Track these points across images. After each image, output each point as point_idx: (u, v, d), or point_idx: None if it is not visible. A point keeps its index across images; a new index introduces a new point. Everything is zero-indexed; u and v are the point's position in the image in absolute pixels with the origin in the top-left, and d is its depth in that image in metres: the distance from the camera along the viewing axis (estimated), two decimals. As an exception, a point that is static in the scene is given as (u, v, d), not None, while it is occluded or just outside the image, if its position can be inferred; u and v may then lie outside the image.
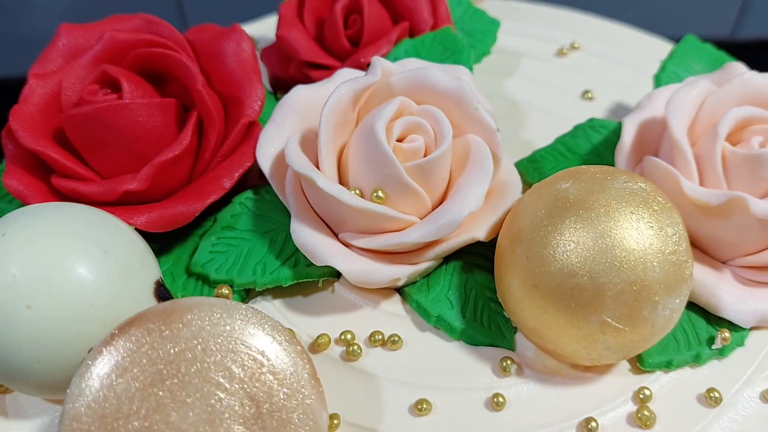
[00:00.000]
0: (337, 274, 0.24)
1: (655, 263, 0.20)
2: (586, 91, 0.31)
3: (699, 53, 0.32)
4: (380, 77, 0.24)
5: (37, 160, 0.25)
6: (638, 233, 0.21)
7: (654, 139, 0.25)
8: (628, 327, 0.21)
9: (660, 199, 0.21)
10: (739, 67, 0.26)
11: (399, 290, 0.24)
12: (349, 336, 0.23)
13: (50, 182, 0.25)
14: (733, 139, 0.24)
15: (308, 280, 0.24)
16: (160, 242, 0.25)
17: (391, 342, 0.23)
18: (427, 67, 0.24)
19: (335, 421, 0.21)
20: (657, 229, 0.21)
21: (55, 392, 0.22)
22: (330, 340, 0.23)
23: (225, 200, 0.25)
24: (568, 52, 0.33)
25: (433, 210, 0.24)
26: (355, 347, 0.23)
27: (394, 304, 0.24)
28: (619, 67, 0.33)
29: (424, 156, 0.23)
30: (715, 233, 0.24)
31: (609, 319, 0.21)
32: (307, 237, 0.23)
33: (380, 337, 0.23)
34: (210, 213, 0.25)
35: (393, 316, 0.24)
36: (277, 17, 0.31)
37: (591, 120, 0.28)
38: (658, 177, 0.24)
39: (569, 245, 0.21)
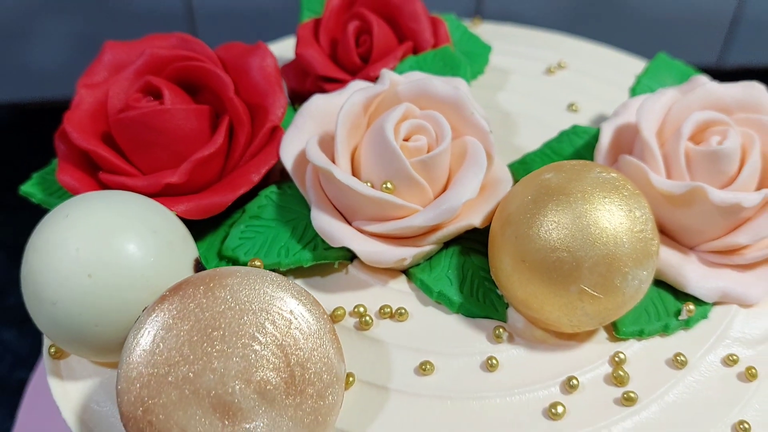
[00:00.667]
0: (350, 258, 0.28)
1: (624, 239, 0.24)
2: (572, 104, 0.35)
3: (670, 69, 0.36)
4: (388, 86, 0.29)
5: (86, 159, 0.29)
6: (610, 214, 0.25)
7: (628, 141, 0.30)
8: (603, 294, 0.25)
9: (629, 186, 0.25)
10: (702, 79, 0.30)
11: (405, 272, 0.28)
12: (361, 309, 0.27)
13: (98, 178, 0.29)
14: (695, 139, 0.28)
15: (326, 261, 0.28)
16: (194, 230, 0.29)
17: (398, 314, 0.27)
18: (429, 78, 0.29)
19: (350, 379, 0.25)
20: (626, 211, 0.25)
21: (107, 354, 0.25)
22: (345, 312, 0.27)
23: (252, 194, 0.29)
24: (556, 70, 0.38)
25: (434, 200, 0.28)
26: (367, 318, 0.27)
27: (401, 282, 0.28)
28: (600, 82, 0.37)
29: (427, 153, 0.28)
30: (680, 221, 0.28)
31: (586, 288, 0.24)
32: (326, 223, 0.27)
33: (389, 310, 0.27)
34: (238, 205, 0.29)
35: (400, 292, 0.28)
36: (292, 39, 0.35)
37: (574, 126, 0.33)
38: (630, 172, 0.28)
39: (551, 225, 0.25)
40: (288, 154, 0.29)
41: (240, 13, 0.61)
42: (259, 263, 0.27)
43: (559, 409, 0.24)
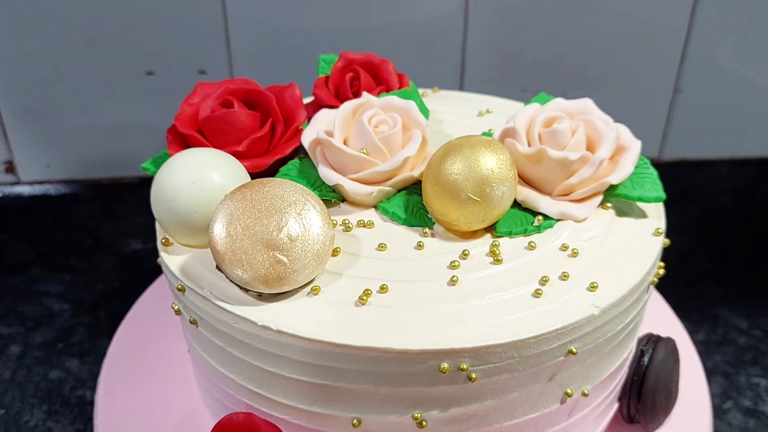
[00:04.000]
0: (341, 199, 0.53)
1: (492, 167, 0.48)
2: (490, 129, 0.60)
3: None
4: (366, 100, 0.54)
5: (184, 142, 0.55)
6: (485, 155, 0.49)
7: (510, 136, 0.55)
8: (480, 199, 0.48)
9: (498, 144, 0.50)
10: (558, 99, 0.55)
11: (375, 206, 0.53)
12: (347, 221, 0.50)
13: (192, 153, 0.54)
14: (545, 126, 0.53)
15: (327, 198, 0.52)
16: (248, 184, 0.53)
17: (369, 224, 0.51)
18: (391, 96, 0.54)
19: (338, 250, 0.48)
20: (495, 155, 0.48)
21: (198, 235, 0.49)
22: (336, 223, 0.51)
23: (283, 162, 0.54)
24: (484, 114, 0.63)
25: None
26: (350, 225, 0.50)
27: (371, 211, 0.51)
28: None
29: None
30: (536, 174, 0.51)
31: (470, 195, 0.48)
32: (326, 173, 0.51)
33: (362, 221, 0.50)
34: (276, 170, 0.54)
35: (370, 214, 0.51)
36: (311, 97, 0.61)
37: (483, 133, 0.58)
38: (508, 146, 0.52)
39: (451, 163, 0.48)
40: (306, 139, 0.54)
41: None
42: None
43: (456, 263, 0.47)
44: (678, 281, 0.93)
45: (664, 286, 0.79)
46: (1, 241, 0.91)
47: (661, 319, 0.68)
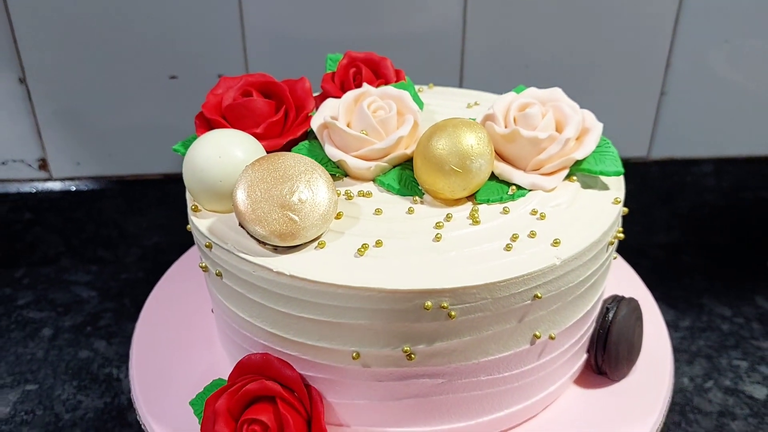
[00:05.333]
0: (344, 174, 0.65)
1: (472, 144, 0.60)
2: (474, 118, 0.72)
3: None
4: (366, 90, 0.66)
5: (210, 125, 0.67)
6: (467, 136, 0.60)
7: (489, 120, 0.66)
8: (461, 170, 0.60)
9: (478, 125, 0.61)
10: (532, 89, 0.67)
11: (373, 180, 0.64)
12: (349, 192, 0.62)
13: (217, 136, 0.66)
14: (520, 111, 0.64)
15: (333, 173, 0.64)
16: (264, 162, 0.65)
17: (367, 194, 0.62)
18: (388, 87, 0.66)
19: (341, 214, 0.60)
20: (475, 133, 0.59)
21: (224, 201, 0.60)
22: (340, 193, 0.62)
23: (295, 143, 0.66)
24: (473, 106, 0.75)
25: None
26: (351, 195, 0.62)
27: (370, 183, 0.63)
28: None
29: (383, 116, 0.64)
30: (511, 152, 0.63)
31: (453, 166, 0.60)
32: (333, 151, 0.63)
33: (362, 192, 0.62)
34: (288, 150, 0.66)
35: (369, 185, 0.62)
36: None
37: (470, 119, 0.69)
38: (488, 128, 0.64)
39: (437, 140, 0.60)
40: (315, 123, 0.65)
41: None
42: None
43: (440, 224, 0.59)
44: (666, 274, 1.04)
45: (652, 277, 0.90)
46: (34, 234, 1.03)
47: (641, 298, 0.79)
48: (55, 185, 1.01)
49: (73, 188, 1.01)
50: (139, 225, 1.03)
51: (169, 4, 0.90)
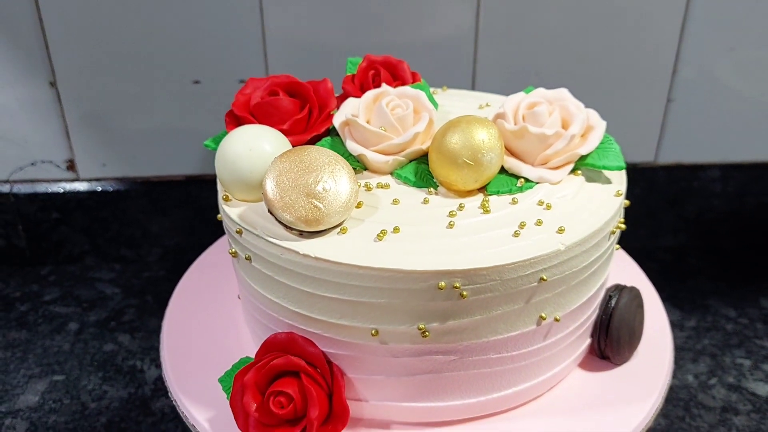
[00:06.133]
0: (364, 168, 0.71)
1: (484, 139, 0.66)
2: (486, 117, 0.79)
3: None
4: (384, 90, 0.73)
5: (239, 122, 0.73)
6: (478, 130, 0.67)
7: (500, 117, 0.73)
8: (474, 163, 0.66)
9: (489, 122, 0.68)
10: (540, 89, 0.73)
11: (390, 173, 0.71)
12: (369, 183, 0.67)
13: (245, 132, 0.73)
14: (529, 108, 0.71)
15: (354, 167, 0.70)
16: (289, 157, 0.72)
17: (386, 186, 0.68)
18: (406, 87, 0.73)
19: (362, 203, 0.67)
20: (486, 129, 0.66)
21: (254, 191, 0.67)
22: (360, 185, 0.69)
23: (318, 139, 0.73)
24: (484, 107, 0.82)
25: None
26: (371, 186, 0.68)
27: (387, 177, 0.69)
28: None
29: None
30: (520, 147, 0.69)
31: (466, 159, 0.66)
32: (353, 146, 0.69)
33: (380, 184, 0.68)
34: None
35: (386, 178, 0.67)
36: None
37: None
38: (498, 125, 0.71)
39: (451, 135, 0.67)
40: (337, 121, 0.72)
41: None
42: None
43: (453, 212, 0.65)
44: (673, 276, 1.09)
45: (659, 279, 0.94)
46: (61, 233, 1.10)
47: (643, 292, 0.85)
48: (82, 186, 1.08)
49: (99, 189, 1.07)
50: (162, 225, 1.09)
51: (193, 13, 0.96)
